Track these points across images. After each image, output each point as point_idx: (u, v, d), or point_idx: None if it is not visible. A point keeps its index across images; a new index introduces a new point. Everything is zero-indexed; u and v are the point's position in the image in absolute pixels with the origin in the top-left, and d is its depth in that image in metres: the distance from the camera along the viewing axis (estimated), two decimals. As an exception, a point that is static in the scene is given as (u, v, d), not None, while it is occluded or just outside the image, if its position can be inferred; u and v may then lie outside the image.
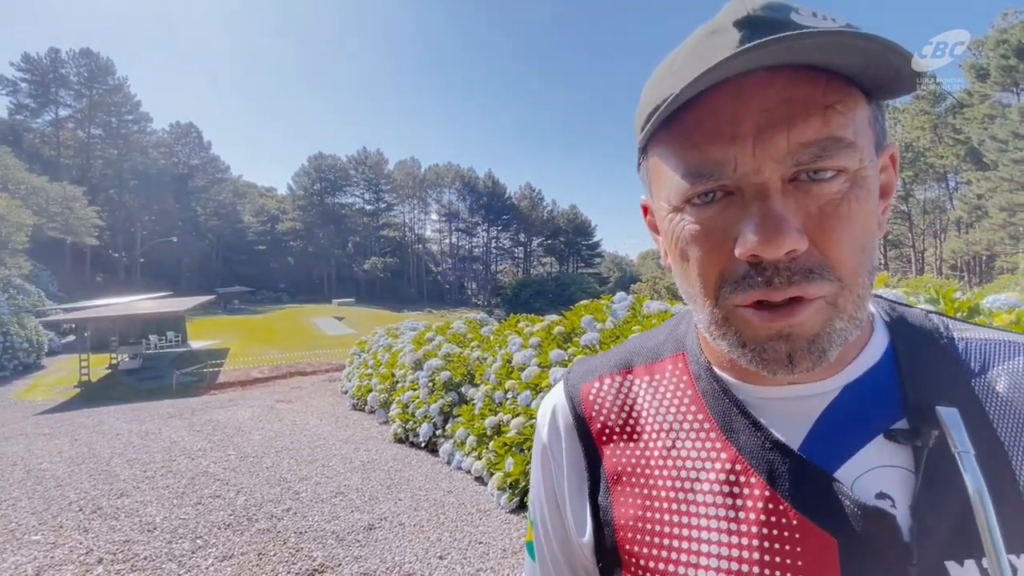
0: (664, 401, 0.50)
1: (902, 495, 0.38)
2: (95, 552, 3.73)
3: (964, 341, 0.45)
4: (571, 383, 0.58)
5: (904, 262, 44.12)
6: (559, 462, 0.54)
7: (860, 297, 0.38)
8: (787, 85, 0.35)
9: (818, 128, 0.35)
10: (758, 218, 0.35)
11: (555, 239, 74.95)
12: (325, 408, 9.18)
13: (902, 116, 41.79)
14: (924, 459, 0.38)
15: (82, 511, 4.57)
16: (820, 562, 0.38)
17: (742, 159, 0.36)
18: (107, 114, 51.87)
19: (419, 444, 6.23)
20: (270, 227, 64.35)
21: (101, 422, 8.89)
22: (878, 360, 0.44)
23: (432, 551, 3.64)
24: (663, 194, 0.42)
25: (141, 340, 19.89)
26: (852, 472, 0.40)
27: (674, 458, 0.47)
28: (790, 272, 0.36)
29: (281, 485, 5.11)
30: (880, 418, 0.41)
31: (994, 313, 2.71)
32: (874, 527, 0.37)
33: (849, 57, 0.34)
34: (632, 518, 0.46)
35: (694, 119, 0.37)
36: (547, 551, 0.56)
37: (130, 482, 5.34)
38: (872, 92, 0.38)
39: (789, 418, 0.43)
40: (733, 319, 0.39)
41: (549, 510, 0.55)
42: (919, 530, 0.36)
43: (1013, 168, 29.63)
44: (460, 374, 6.34)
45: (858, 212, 0.37)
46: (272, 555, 3.61)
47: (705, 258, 0.39)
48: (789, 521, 0.39)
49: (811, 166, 0.36)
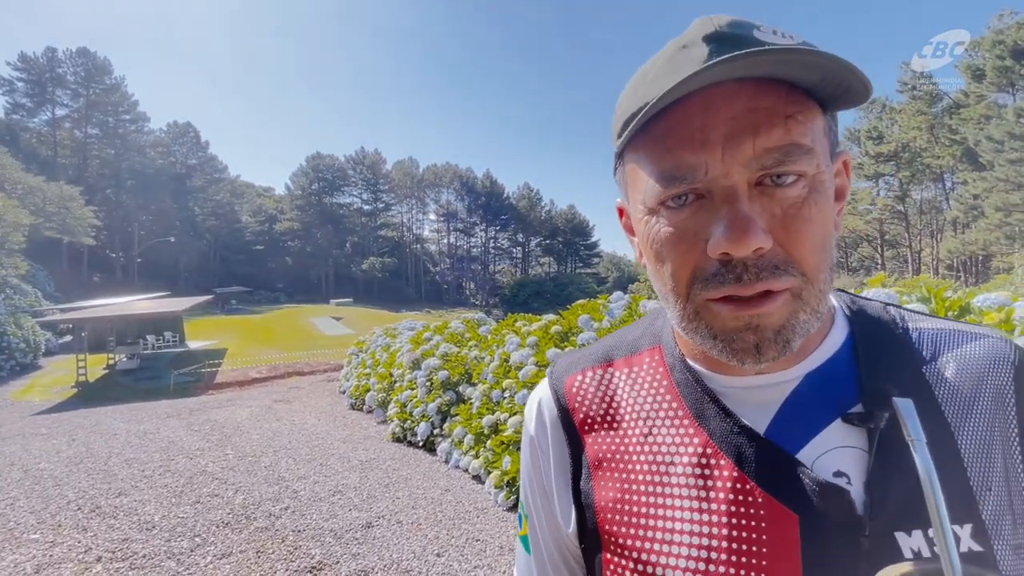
0: (642, 391, 0.54)
1: (857, 473, 0.42)
2: (94, 550, 3.75)
3: (918, 331, 0.49)
4: (555, 376, 0.60)
5: (901, 262, 44.25)
6: (546, 453, 0.57)
7: (822, 292, 0.41)
8: (752, 96, 0.38)
9: (780, 135, 0.38)
10: (728, 219, 0.38)
11: (553, 239, 75.04)
12: (323, 408, 9.20)
13: (899, 116, 41.89)
14: (877, 440, 0.42)
15: (80, 510, 4.58)
16: (783, 536, 0.41)
17: (712, 163, 0.39)
18: (104, 114, 51.76)
19: (417, 443, 6.25)
20: (268, 227, 64.28)
21: (99, 422, 8.89)
22: (837, 350, 0.48)
23: (429, 548, 3.66)
24: (639, 197, 0.45)
25: (138, 340, 19.86)
26: (812, 453, 0.43)
27: (650, 444, 0.50)
28: (758, 268, 0.39)
29: (279, 484, 5.13)
30: (838, 403, 0.45)
31: (984, 312, 2.75)
32: (831, 502, 0.40)
33: (805, 71, 0.37)
34: (611, 500, 0.49)
35: (668, 127, 0.40)
36: (541, 541, 0.58)
37: (128, 481, 5.36)
38: (827, 104, 0.41)
39: (756, 405, 0.47)
40: (704, 313, 0.42)
41: (541, 502, 0.58)
42: (871, 504, 0.40)
43: (1009, 168, 29.76)
44: (458, 373, 6.36)
45: (817, 214, 0.40)
46: (271, 553, 3.64)
47: (679, 258, 0.42)
48: (755, 499, 0.43)
49: (774, 170, 0.39)
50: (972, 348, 0.47)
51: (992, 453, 0.42)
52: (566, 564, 0.57)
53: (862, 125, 44.30)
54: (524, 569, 0.62)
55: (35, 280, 28.15)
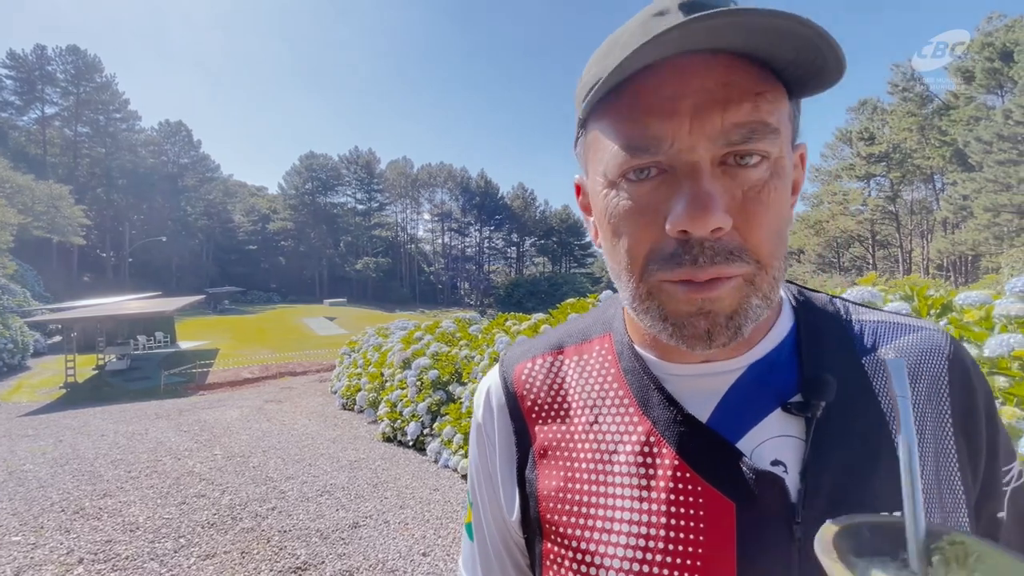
0: (590, 379, 0.53)
1: (793, 461, 0.42)
2: (76, 552, 3.71)
3: (860, 323, 0.50)
4: (506, 364, 0.60)
5: (892, 262, 44.62)
6: (492, 440, 0.56)
7: (775, 279, 0.41)
8: (725, 71, 0.38)
9: (749, 112, 0.37)
10: (689, 195, 0.37)
11: (548, 239, 75.05)
12: (314, 408, 9.16)
13: (890, 118, 42.26)
14: (813, 430, 0.42)
15: (64, 512, 4.53)
16: (719, 523, 0.41)
17: (679, 135, 0.37)
18: (94, 112, 51.29)
19: (407, 443, 6.23)
20: (261, 227, 63.93)
21: (86, 423, 8.80)
22: (782, 340, 0.48)
23: (416, 548, 3.65)
24: (600, 168, 0.43)
25: (129, 341, 19.69)
26: (752, 442, 0.43)
27: (595, 432, 0.50)
28: (713, 252, 0.38)
29: (267, 484, 5.09)
30: (779, 393, 0.45)
31: (965, 309, 2.77)
32: (766, 490, 0.41)
33: (782, 43, 0.36)
34: (554, 489, 0.49)
35: (637, 93, 0.39)
36: (485, 530, 0.58)
37: (114, 483, 5.30)
38: (795, 88, 0.41)
39: (700, 393, 0.47)
40: (657, 293, 0.41)
41: (486, 489, 0.57)
42: (805, 492, 0.41)
43: (997, 169, 30.09)
44: (448, 373, 6.35)
45: (776, 200, 0.40)
46: (255, 553, 3.61)
47: (637, 234, 0.41)
48: (694, 488, 0.43)
49: (740, 147, 0.38)
50: (910, 339, 0.48)
51: (924, 441, 0.43)
52: (509, 553, 0.56)
53: (854, 126, 44.65)
54: (468, 557, 0.61)
55: (24, 280, 27.85)
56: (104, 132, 51.72)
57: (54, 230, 36.54)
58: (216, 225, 59.19)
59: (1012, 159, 29.40)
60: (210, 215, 58.74)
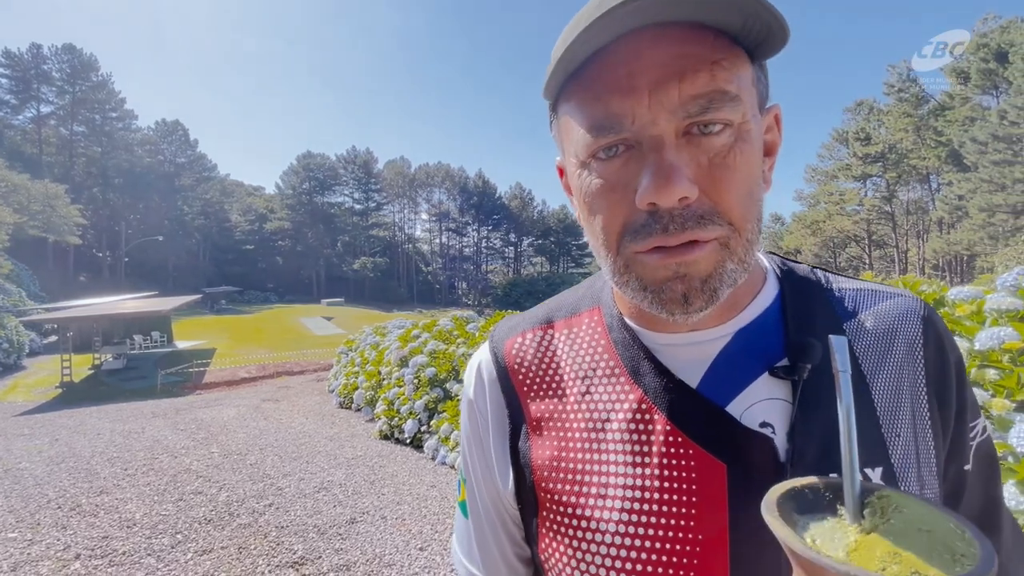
0: (580, 351, 0.54)
1: (781, 423, 0.44)
2: (72, 548, 3.71)
3: (841, 291, 0.52)
4: (496, 339, 0.61)
5: (888, 262, 44.81)
6: (484, 415, 0.57)
7: (749, 242, 0.42)
8: (678, 42, 0.38)
9: (706, 81, 0.38)
10: (654, 168, 0.38)
11: (545, 239, 75.05)
12: (311, 407, 9.15)
13: (886, 118, 42.43)
14: (800, 392, 0.44)
15: (60, 508, 4.53)
16: (711, 484, 0.43)
17: (639, 111, 0.39)
18: (91, 111, 51.06)
19: (404, 440, 6.24)
20: (258, 226, 63.73)
21: (82, 422, 8.78)
22: (767, 307, 0.50)
23: (413, 543, 3.66)
24: (572, 149, 0.45)
25: (125, 340, 19.62)
26: (741, 405, 0.45)
27: (588, 402, 0.51)
28: (683, 219, 0.39)
29: (264, 481, 5.10)
30: (766, 358, 0.47)
31: (956, 304, 2.80)
32: (756, 451, 0.43)
33: (726, 12, 0.37)
34: (548, 459, 0.50)
35: (596, 73, 0.40)
36: (480, 505, 0.58)
37: (110, 480, 5.30)
38: (753, 52, 0.41)
39: (689, 361, 0.48)
40: (634, 265, 0.42)
41: (479, 464, 0.58)
42: (793, 452, 0.42)
43: (992, 169, 30.25)
44: (445, 370, 6.36)
45: (743, 163, 0.40)
46: (252, 549, 3.62)
47: (609, 211, 0.42)
48: (686, 451, 0.44)
49: (700, 118, 0.38)
50: (887, 305, 0.50)
51: (901, 402, 0.45)
52: (504, 526, 0.57)
53: (850, 127, 44.82)
54: (463, 534, 0.61)
55: (19, 279, 27.71)
56: (100, 131, 51.50)
57: (50, 229, 36.38)
58: (213, 225, 59.00)
59: (1007, 159, 29.57)
60: (207, 215, 58.55)
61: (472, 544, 0.60)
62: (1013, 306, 2.51)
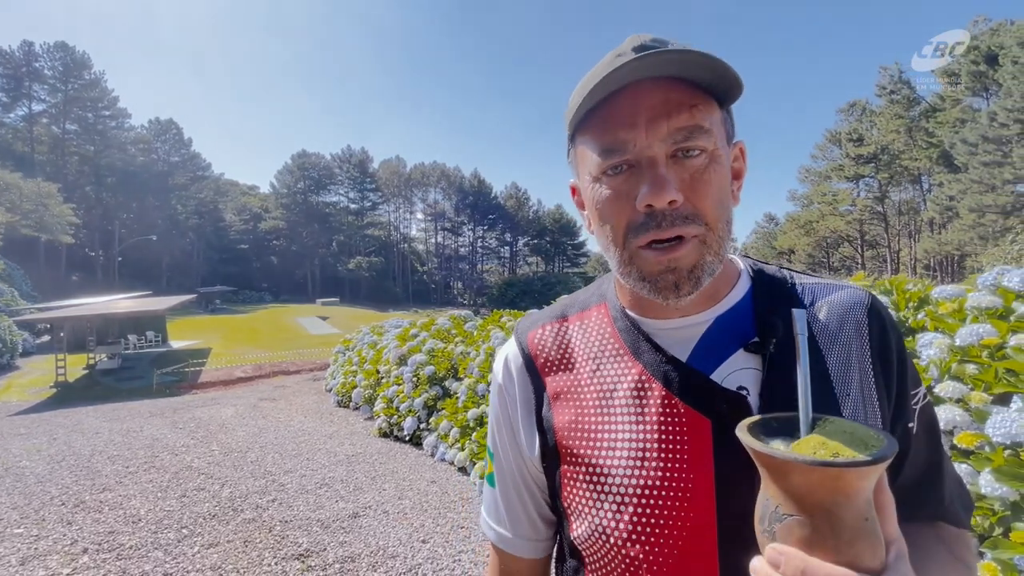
0: (591, 338, 0.67)
1: (754, 386, 0.55)
2: (80, 543, 3.77)
3: (802, 284, 0.64)
4: (520, 333, 0.74)
5: (880, 262, 45.24)
6: (513, 396, 0.69)
7: (721, 238, 0.54)
8: (666, 91, 0.52)
9: (687, 118, 0.52)
10: (650, 179, 0.52)
11: (541, 239, 75.21)
12: (309, 405, 9.20)
13: (878, 120, 42.85)
14: (767, 361, 0.56)
15: (64, 505, 4.57)
16: (699, 437, 0.54)
17: (639, 139, 0.52)
18: (83, 109, 50.67)
19: (403, 438, 6.31)
20: (253, 226, 63.48)
21: (79, 422, 8.78)
22: (741, 298, 0.62)
23: (415, 536, 3.75)
24: (586, 169, 0.58)
25: (120, 340, 19.54)
26: (722, 374, 0.57)
27: (598, 377, 0.63)
28: (672, 218, 0.52)
29: (266, 478, 5.16)
30: (741, 337, 0.59)
31: (939, 302, 2.92)
32: (734, 408, 0.54)
33: (700, 70, 0.51)
34: (567, 422, 0.62)
35: (607, 114, 0.54)
36: (506, 473, 0.70)
37: (112, 477, 5.34)
38: (722, 100, 0.55)
39: (679, 341, 0.60)
40: (636, 259, 0.55)
41: (508, 439, 0.70)
42: (763, 407, 0.53)
43: (982, 171, 30.63)
44: (444, 368, 6.44)
45: (715, 179, 0.54)
46: (258, 542, 3.69)
47: (617, 214, 0.55)
48: (678, 411, 0.56)
49: (683, 144, 0.52)
50: (840, 295, 0.62)
51: (851, 369, 0.57)
52: (527, 488, 0.69)
53: (843, 128, 45.20)
54: (490, 501, 0.73)
55: (11, 279, 27.50)
56: (93, 130, 51.12)
57: (42, 229, 36.09)
58: (207, 224, 58.69)
59: (996, 161, 29.95)
60: (201, 214, 58.24)
61: (499, 507, 0.71)
62: (992, 304, 2.63)
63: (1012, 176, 29.11)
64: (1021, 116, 28.46)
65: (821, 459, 0.35)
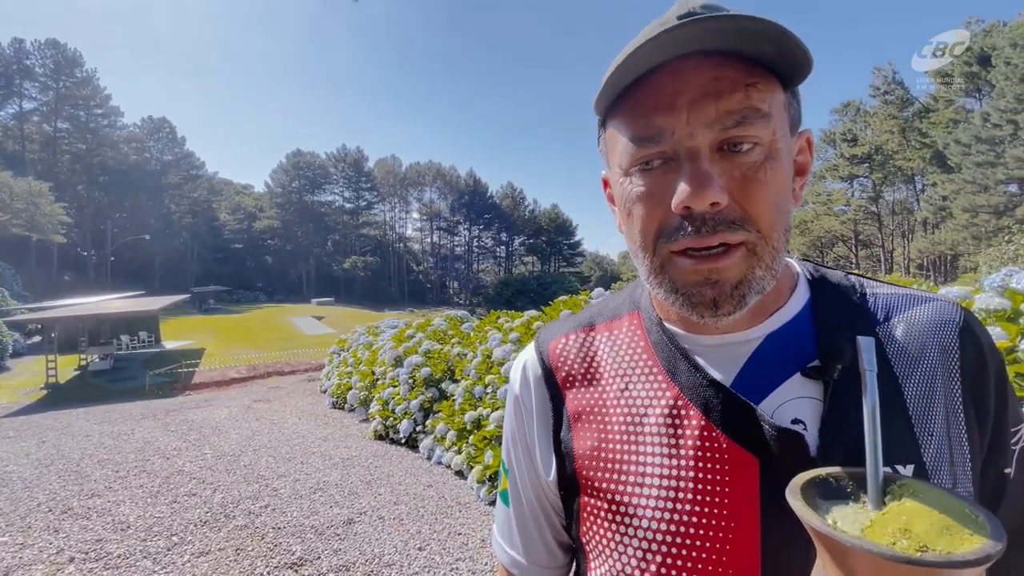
0: (620, 351, 0.58)
1: (812, 420, 0.46)
2: (66, 552, 3.66)
3: (874, 296, 0.54)
4: (540, 341, 0.65)
5: (874, 261, 45.47)
6: (529, 409, 0.61)
7: (776, 249, 0.45)
8: (717, 68, 0.43)
9: (740, 100, 0.42)
10: (689, 175, 0.42)
11: (537, 238, 75.17)
12: (304, 407, 9.10)
13: (872, 120, 43.04)
14: (831, 391, 0.46)
15: (51, 511, 4.46)
16: (744, 477, 0.45)
17: (678, 126, 0.43)
18: (75, 107, 50.20)
19: (399, 440, 6.23)
20: (247, 225, 63.10)
21: (70, 424, 8.64)
22: (799, 312, 0.52)
23: (411, 543, 3.67)
24: (616, 160, 0.49)
25: (112, 340, 19.36)
26: (773, 403, 0.47)
27: (626, 397, 0.54)
28: (715, 222, 0.43)
29: (259, 482, 5.06)
30: (798, 359, 0.49)
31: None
32: (787, 447, 0.44)
33: (761, 42, 0.41)
34: (589, 448, 0.54)
35: (643, 93, 0.45)
36: (521, 493, 0.63)
37: (102, 482, 5.23)
38: (786, 80, 0.45)
39: (723, 361, 0.51)
40: (668, 266, 0.46)
41: (523, 455, 0.62)
42: (823, 447, 0.44)
43: (975, 171, 30.83)
44: (440, 370, 6.36)
45: (772, 178, 0.44)
46: (250, 550, 3.60)
47: (647, 214, 0.46)
48: (720, 445, 0.47)
49: (734, 131, 0.42)
50: (922, 310, 0.51)
51: (934, 404, 0.46)
52: (544, 512, 0.61)
53: (837, 128, 45.39)
54: (503, 520, 0.66)
55: (2, 279, 27.20)
56: (85, 128, 50.66)
57: (33, 228, 35.72)
58: (201, 223, 58.29)
59: (989, 161, 30.16)
60: (195, 213, 57.84)
61: (513, 530, 0.64)
62: (1001, 306, 2.58)
63: (1005, 176, 29.31)
64: (1014, 117, 28.67)
65: (904, 554, 0.28)
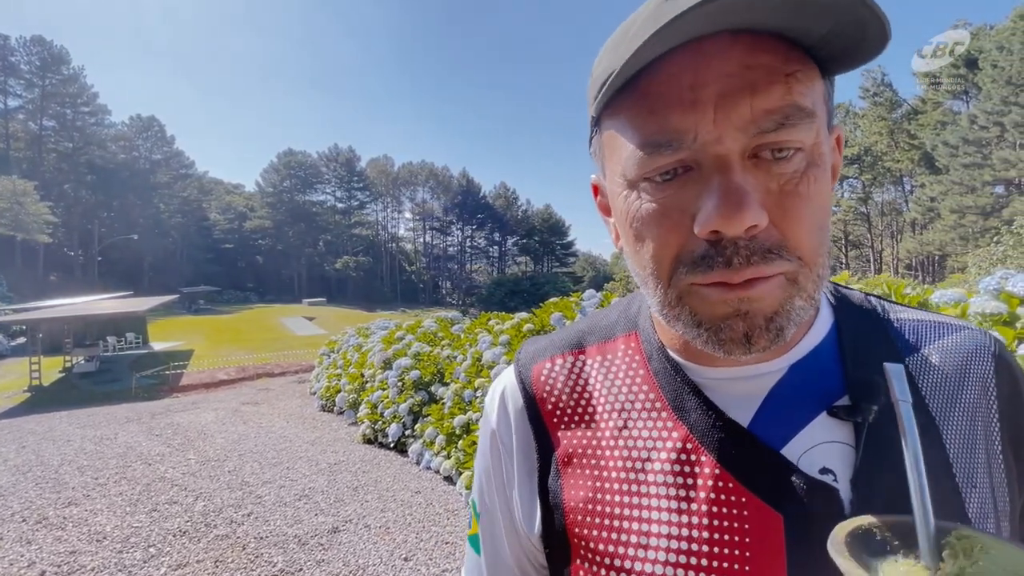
0: (616, 381, 0.49)
1: (843, 469, 0.39)
2: (37, 565, 3.53)
3: (899, 322, 0.47)
4: (522, 363, 0.55)
5: (864, 262, 45.91)
6: (508, 447, 0.52)
7: (820, 277, 0.38)
8: (749, 51, 0.33)
9: (781, 95, 0.33)
10: (720, 191, 0.33)
11: (530, 238, 75.14)
12: (293, 410, 8.96)
13: (861, 122, 43.50)
14: (864, 434, 0.39)
15: (25, 522, 4.32)
16: (767, 538, 0.38)
17: (703, 127, 0.34)
18: (61, 105, 49.51)
19: (388, 444, 6.13)
20: (237, 225, 62.56)
21: (52, 428, 8.45)
22: (823, 340, 0.44)
23: (397, 552, 3.58)
24: (617, 168, 0.39)
25: (98, 342, 19.04)
26: (797, 449, 0.40)
27: (625, 438, 0.45)
28: (749, 252, 0.34)
29: (243, 489, 4.94)
30: (824, 396, 0.42)
31: (940, 307, 2.83)
32: (817, 501, 0.38)
33: (816, 16, 0.32)
34: (582, 500, 0.45)
35: (652, 85, 0.35)
36: (495, 544, 0.54)
37: (80, 490, 5.08)
38: (828, 65, 0.36)
39: (739, 397, 0.43)
40: (688, 298, 0.37)
41: (497, 500, 0.53)
42: (858, 502, 0.37)
43: (963, 172, 31.22)
44: (430, 373, 6.27)
45: (816, 192, 0.36)
46: (229, 562, 3.49)
47: (662, 239, 0.37)
48: (738, 499, 0.39)
49: (774, 136, 0.34)
50: (954, 339, 0.45)
51: (976, 448, 0.40)
52: (522, 569, 0.52)
53: (828, 129, 45.80)
54: (474, 571, 0.56)
55: (-15, 279, 26.70)
56: (71, 126, 49.96)
57: (18, 227, 35.15)
58: (191, 223, 57.68)
59: (976, 162, 30.56)
60: (184, 213, 57.24)
61: None
62: (996, 309, 2.53)
63: (991, 178, 29.71)
64: (1000, 119, 29.06)
65: None
